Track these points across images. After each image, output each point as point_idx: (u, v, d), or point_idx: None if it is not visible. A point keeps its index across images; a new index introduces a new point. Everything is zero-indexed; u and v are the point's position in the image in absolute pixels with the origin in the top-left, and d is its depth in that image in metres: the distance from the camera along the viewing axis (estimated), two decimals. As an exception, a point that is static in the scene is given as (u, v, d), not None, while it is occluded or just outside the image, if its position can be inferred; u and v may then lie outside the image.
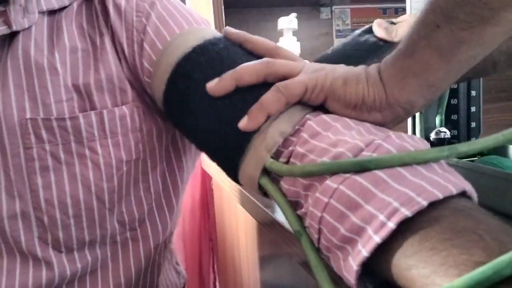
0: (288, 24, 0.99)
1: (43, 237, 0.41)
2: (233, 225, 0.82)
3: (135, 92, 0.43)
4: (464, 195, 0.25)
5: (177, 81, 0.38)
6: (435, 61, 0.30)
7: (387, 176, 0.25)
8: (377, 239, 0.22)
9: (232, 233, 0.85)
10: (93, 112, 0.41)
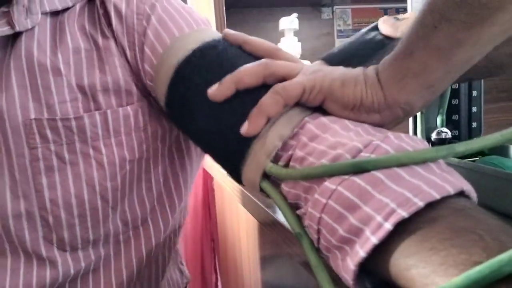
0: (289, 24, 0.99)
1: (48, 237, 0.42)
2: (235, 225, 0.82)
3: (140, 93, 0.43)
4: (462, 195, 0.25)
5: (178, 86, 0.39)
6: (434, 62, 0.30)
7: (385, 177, 0.25)
8: (374, 240, 0.23)
9: (233, 233, 0.85)
10: (97, 112, 0.41)
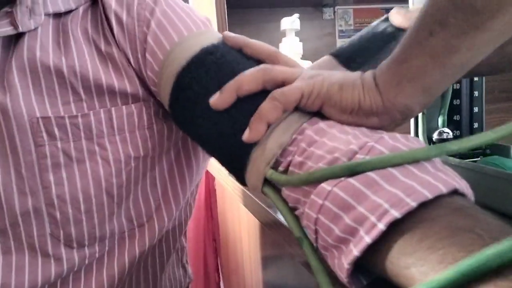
0: (290, 24, 0.99)
1: (55, 234, 0.42)
2: (236, 225, 0.83)
3: (146, 93, 0.44)
4: (457, 193, 0.25)
5: (179, 93, 0.39)
6: (430, 67, 0.30)
7: (380, 177, 0.25)
8: (368, 240, 0.23)
9: (234, 233, 0.85)
10: (102, 109, 0.42)
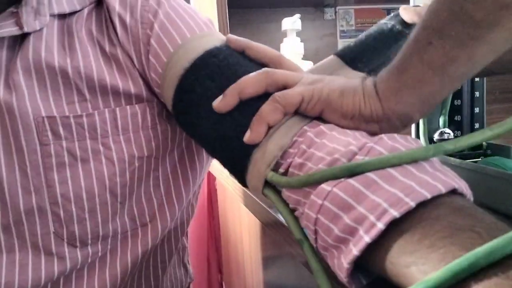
0: (292, 25, 0.99)
1: (58, 232, 0.42)
2: (237, 226, 0.83)
3: (149, 94, 0.44)
4: (456, 193, 0.25)
5: (182, 95, 0.40)
6: (429, 77, 0.31)
7: (379, 177, 0.26)
8: (367, 239, 0.23)
9: (235, 233, 0.85)
10: (106, 109, 0.42)
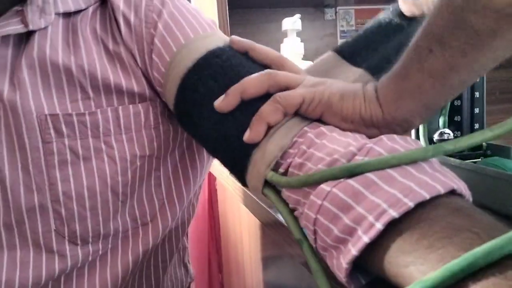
0: (292, 25, 0.99)
1: (60, 230, 0.42)
2: (237, 225, 0.83)
3: (152, 93, 0.44)
4: (455, 193, 0.25)
5: (184, 96, 0.40)
6: (429, 84, 0.31)
7: (378, 178, 0.26)
8: (366, 239, 0.23)
9: (235, 233, 0.85)
10: (109, 108, 0.42)
